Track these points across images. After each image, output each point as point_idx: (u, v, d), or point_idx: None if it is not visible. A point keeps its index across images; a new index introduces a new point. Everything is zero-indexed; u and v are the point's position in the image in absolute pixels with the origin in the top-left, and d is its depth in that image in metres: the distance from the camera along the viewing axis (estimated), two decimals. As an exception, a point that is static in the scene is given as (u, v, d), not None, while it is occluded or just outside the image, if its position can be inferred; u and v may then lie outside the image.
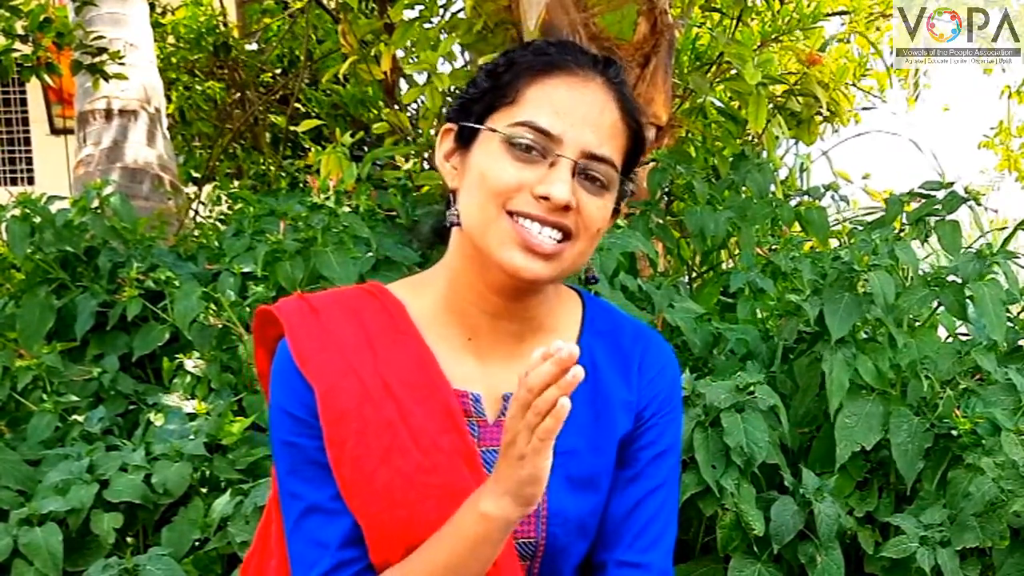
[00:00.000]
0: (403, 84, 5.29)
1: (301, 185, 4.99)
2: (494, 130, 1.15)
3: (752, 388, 2.34)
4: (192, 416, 2.63)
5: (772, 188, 3.59)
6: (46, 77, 3.99)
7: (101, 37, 4.18)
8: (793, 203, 3.72)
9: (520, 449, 1.02)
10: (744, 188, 3.50)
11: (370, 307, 1.24)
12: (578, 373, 0.98)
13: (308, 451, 1.18)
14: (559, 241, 1.14)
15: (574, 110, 1.15)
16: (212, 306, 2.81)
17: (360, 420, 1.16)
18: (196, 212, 5.41)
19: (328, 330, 1.20)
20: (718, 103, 4.58)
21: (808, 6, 5.32)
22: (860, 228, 3.18)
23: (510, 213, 1.13)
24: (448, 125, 1.23)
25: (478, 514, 1.08)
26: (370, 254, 2.92)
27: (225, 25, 6.36)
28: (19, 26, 3.79)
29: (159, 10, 6.35)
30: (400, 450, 1.16)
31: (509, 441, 1.04)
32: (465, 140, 1.20)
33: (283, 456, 1.20)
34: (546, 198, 1.12)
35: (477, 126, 1.18)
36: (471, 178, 1.17)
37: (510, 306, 1.21)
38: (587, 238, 1.17)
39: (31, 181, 9.52)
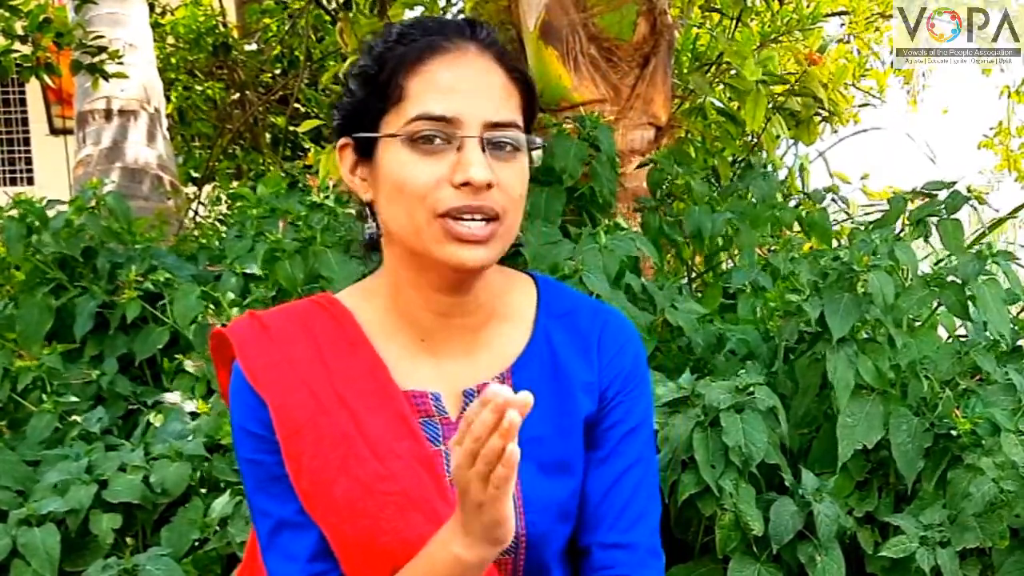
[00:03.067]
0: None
1: (301, 186, 4.98)
2: (393, 135, 1.13)
3: (752, 388, 2.33)
4: (192, 416, 2.62)
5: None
6: (45, 77, 3.98)
7: (101, 37, 4.17)
8: (792, 204, 3.72)
9: (476, 498, 1.00)
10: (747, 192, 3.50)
11: (320, 319, 1.23)
12: (514, 419, 0.95)
13: (270, 467, 1.18)
14: (487, 222, 1.13)
15: (460, 86, 1.13)
16: (211, 306, 2.81)
17: (315, 432, 1.16)
18: (196, 212, 5.41)
19: (278, 345, 1.20)
20: (718, 103, 4.58)
21: (808, 6, 5.32)
22: (861, 228, 3.17)
23: (441, 216, 1.12)
24: (343, 141, 1.20)
25: (452, 557, 1.06)
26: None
27: (225, 25, 6.36)
28: (19, 26, 3.78)
29: (159, 10, 6.35)
30: (357, 459, 1.16)
31: (463, 490, 1.01)
32: (366, 151, 1.18)
33: (248, 474, 1.21)
34: (467, 183, 1.10)
35: (374, 135, 1.16)
36: (388, 189, 1.15)
37: (457, 301, 1.20)
38: (514, 208, 1.15)
39: (31, 181, 9.52)
